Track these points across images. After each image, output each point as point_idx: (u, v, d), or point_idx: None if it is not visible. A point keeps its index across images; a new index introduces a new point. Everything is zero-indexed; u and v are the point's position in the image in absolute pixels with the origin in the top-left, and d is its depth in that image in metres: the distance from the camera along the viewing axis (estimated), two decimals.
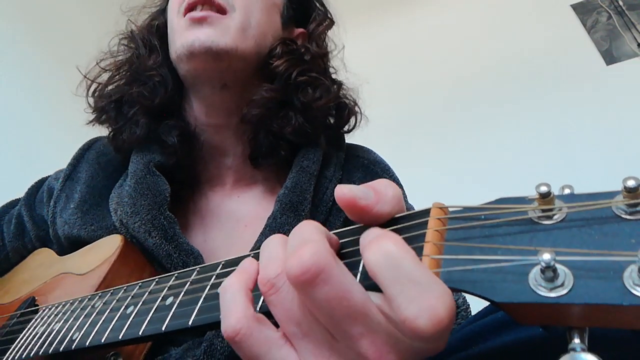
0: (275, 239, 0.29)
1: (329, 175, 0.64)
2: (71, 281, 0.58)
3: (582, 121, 1.73)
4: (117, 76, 0.72)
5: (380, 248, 0.24)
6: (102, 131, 0.75)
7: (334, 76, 0.75)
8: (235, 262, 0.36)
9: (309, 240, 0.25)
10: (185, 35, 0.59)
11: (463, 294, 0.54)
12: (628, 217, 0.22)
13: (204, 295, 0.34)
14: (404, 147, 1.92)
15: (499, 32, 2.06)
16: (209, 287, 0.35)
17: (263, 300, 0.30)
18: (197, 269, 0.39)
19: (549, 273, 0.21)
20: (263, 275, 0.27)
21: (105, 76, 0.73)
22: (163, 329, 0.35)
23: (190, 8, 0.60)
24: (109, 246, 0.58)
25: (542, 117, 1.80)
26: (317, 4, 0.75)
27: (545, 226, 0.24)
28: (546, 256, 0.21)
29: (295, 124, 0.62)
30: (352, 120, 0.73)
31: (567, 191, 0.26)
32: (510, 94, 1.90)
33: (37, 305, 0.59)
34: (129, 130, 0.66)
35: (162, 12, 0.75)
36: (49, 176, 0.81)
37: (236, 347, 0.27)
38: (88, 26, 1.61)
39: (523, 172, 1.65)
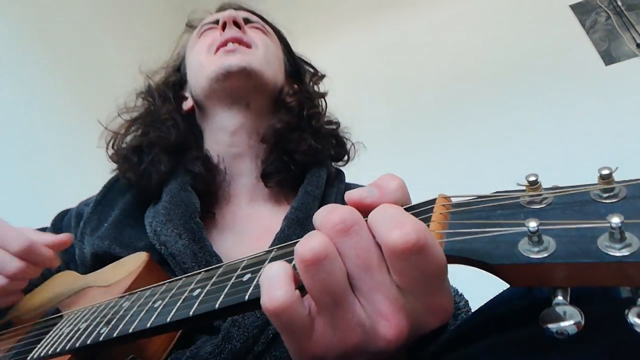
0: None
1: (331, 201, 0.71)
2: (96, 292, 0.61)
3: (581, 121, 1.71)
4: (133, 127, 0.82)
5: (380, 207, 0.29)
6: None
7: None
8: (257, 260, 0.40)
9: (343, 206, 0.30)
10: (220, 61, 0.71)
11: (465, 298, 0.56)
12: (603, 200, 0.26)
13: (230, 284, 0.38)
14: (402, 147, 1.90)
15: (498, 32, 2.06)
16: (235, 277, 0.38)
17: None
18: (223, 266, 0.42)
19: (535, 238, 0.25)
20: (304, 248, 0.29)
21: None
22: (191, 313, 0.38)
23: (223, 46, 0.73)
24: (134, 261, 0.62)
25: (540, 118, 1.78)
26: (307, 66, 0.92)
27: (534, 209, 0.28)
28: (532, 224, 0.25)
29: (308, 143, 0.73)
30: (346, 157, 0.87)
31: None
32: (509, 94, 1.89)
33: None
34: (154, 170, 0.74)
35: (177, 70, 0.87)
36: (71, 208, 0.86)
37: (276, 318, 0.29)
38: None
39: (522, 172, 1.60)
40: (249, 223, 0.72)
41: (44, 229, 0.88)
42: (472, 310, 0.62)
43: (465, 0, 2.23)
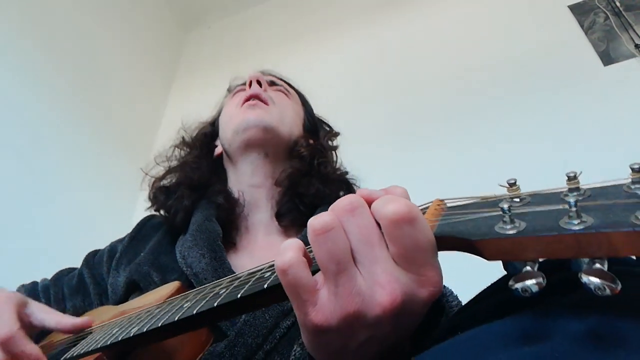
0: None
1: None
2: (127, 314, 0.67)
3: (580, 122, 1.65)
4: (169, 175, 0.96)
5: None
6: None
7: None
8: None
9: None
10: (243, 116, 0.86)
11: (458, 299, 0.59)
12: (569, 199, 0.31)
13: (253, 279, 0.43)
14: (401, 147, 1.87)
15: (496, 33, 2.04)
16: (258, 275, 0.44)
17: None
18: (246, 272, 0.48)
19: (507, 219, 0.30)
20: (316, 221, 0.35)
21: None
22: (215, 304, 0.43)
23: (247, 100, 0.87)
24: (166, 288, 0.68)
25: (539, 118, 1.73)
26: (324, 125, 1.07)
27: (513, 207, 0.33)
28: (505, 205, 0.30)
29: (317, 187, 0.84)
30: None
31: None
32: (507, 95, 1.85)
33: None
34: (179, 204, 0.85)
35: (212, 124, 1.03)
36: (100, 249, 0.95)
37: (283, 275, 0.35)
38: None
39: (520, 173, 1.44)
40: (265, 251, 0.80)
41: (73, 269, 0.95)
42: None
43: (463, 1, 2.24)
